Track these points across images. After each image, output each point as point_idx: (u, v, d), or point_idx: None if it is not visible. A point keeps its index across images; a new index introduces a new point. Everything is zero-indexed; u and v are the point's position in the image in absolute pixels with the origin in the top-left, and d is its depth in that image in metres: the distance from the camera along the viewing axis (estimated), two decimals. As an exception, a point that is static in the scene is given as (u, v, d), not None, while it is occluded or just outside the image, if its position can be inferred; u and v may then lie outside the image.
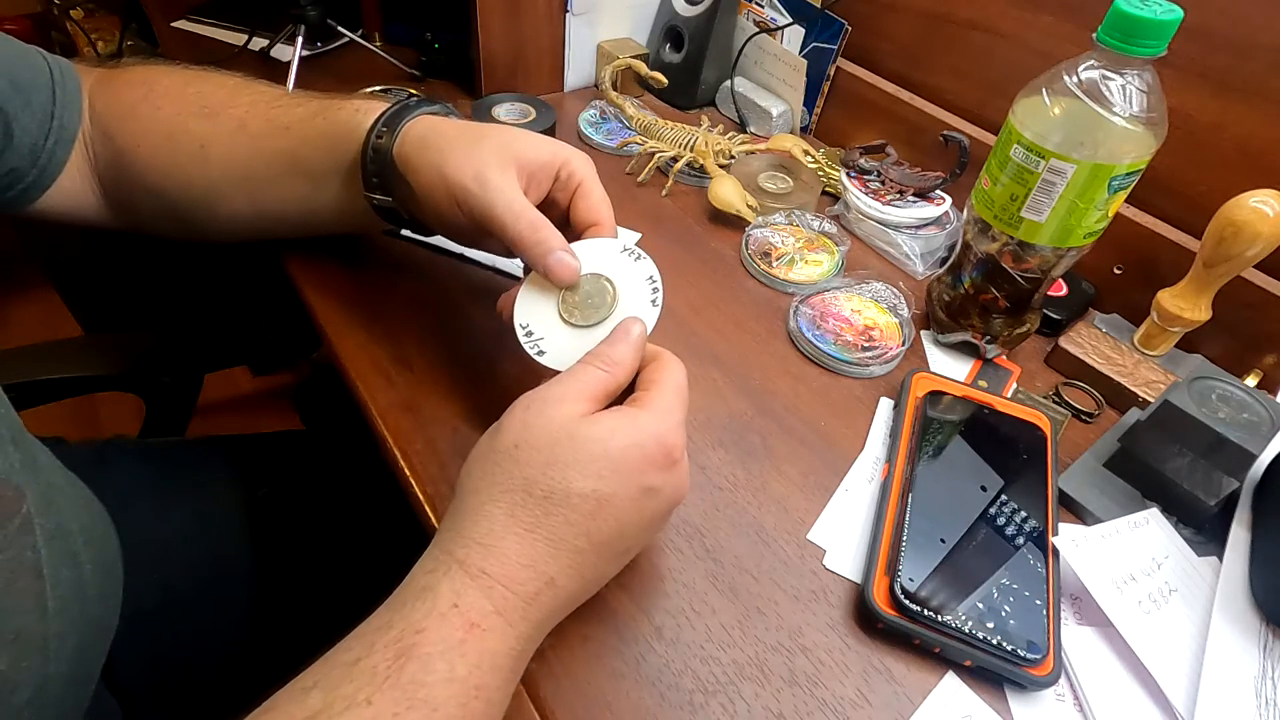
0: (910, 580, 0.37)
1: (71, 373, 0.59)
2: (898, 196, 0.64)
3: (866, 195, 0.64)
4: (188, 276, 1.21)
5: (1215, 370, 0.44)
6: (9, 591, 0.33)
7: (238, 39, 0.85)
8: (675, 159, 0.67)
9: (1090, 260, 0.52)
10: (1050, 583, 0.38)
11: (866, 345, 0.52)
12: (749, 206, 0.63)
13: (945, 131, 0.63)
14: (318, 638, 0.29)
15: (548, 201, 0.42)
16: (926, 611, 0.36)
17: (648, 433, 0.32)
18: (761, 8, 0.76)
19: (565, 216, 0.42)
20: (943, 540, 0.39)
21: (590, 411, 0.32)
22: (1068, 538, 0.40)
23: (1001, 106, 0.46)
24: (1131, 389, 0.50)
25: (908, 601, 0.36)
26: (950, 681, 0.36)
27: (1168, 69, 0.40)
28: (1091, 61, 0.41)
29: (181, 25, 0.91)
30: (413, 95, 0.47)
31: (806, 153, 0.67)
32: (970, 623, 0.36)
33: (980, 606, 0.36)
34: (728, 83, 0.79)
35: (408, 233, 0.49)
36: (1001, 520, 0.41)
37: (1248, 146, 0.52)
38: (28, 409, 0.47)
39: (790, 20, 0.74)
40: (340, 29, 0.81)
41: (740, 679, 0.35)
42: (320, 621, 0.34)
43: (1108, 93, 0.40)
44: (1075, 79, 0.41)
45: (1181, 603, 0.39)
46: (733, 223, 0.64)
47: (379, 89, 0.75)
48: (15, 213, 0.46)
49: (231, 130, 0.46)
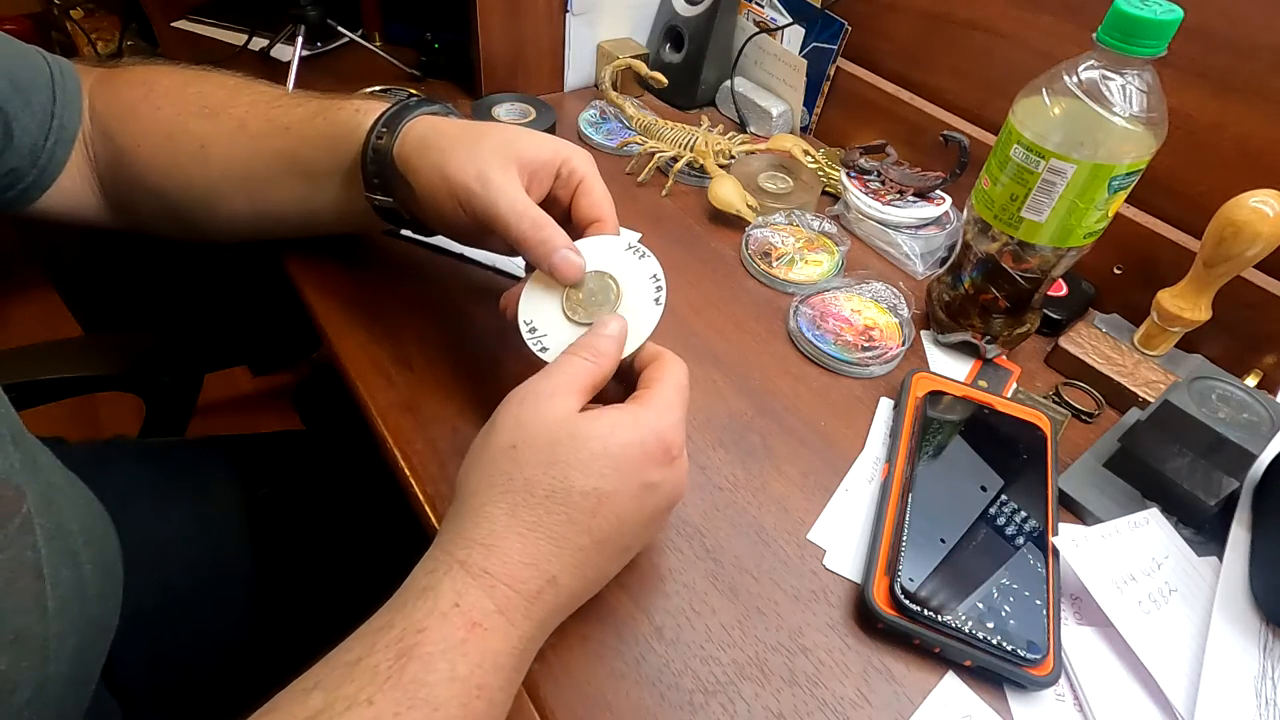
0: (910, 580, 0.37)
1: (71, 373, 0.59)
2: (898, 196, 0.64)
3: (866, 195, 0.64)
4: (188, 276, 1.21)
5: (1215, 370, 0.44)
6: (9, 592, 0.33)
7: (238, 39, 0.85)
8: (675, 159, 0.67)
9: (1090, 260, 0.52)
10: (1050, 583, 0.38)
11: (866, 345, 0.52)
12: (749, 206, 0.63)
13: (945, 131, 0.63)
14: (318, 638, 0.29)
15: (549, 199, 0.42)
16: (926, 611, 0.36)
17: (648, 429, 0.32)
18: (761, 8, 0.76)
19: (567, 214, 0.42)
20: (943, 540, 0.39)
21: (581, 404, 0.32)
22: (1068, 538, 0.40)
23: (1001, 106, 0.46)
24: (1131, 389, 0.50)
25: (908, 601, 0.36)
26: (950, 681, 0.36)
27: (1168, 69, 0.40)
28: (1091, 61, 0.41)
29: (181, 25, 0.91)
30: (413, 95, 0.47)
31: (806, 153, 0.67)
32: (970, 623, 0.36)
33: (980, 606, 0.36)
34: (728, 83, 0.79)
35: (408, 233, 0.49)
36: (1001, 520, 0.41)
37: (1248, 146, 0.52)
38: (28, 409, 0.47)
39: (790, 20, 0.74)
40: (340, 29, 0.81)
41: (740, 679, 0.35)
42: (320, 621, 0.34)
43: (1108, 93, 0.40)
44: (1075, 79, 0.41)
45: (1181, 603, 0.39)
46: (733, 223, 0.64)
47: (379, 89, 0.75)
48: (15, 213, 0.46)
49: (231, 130, 0.46)
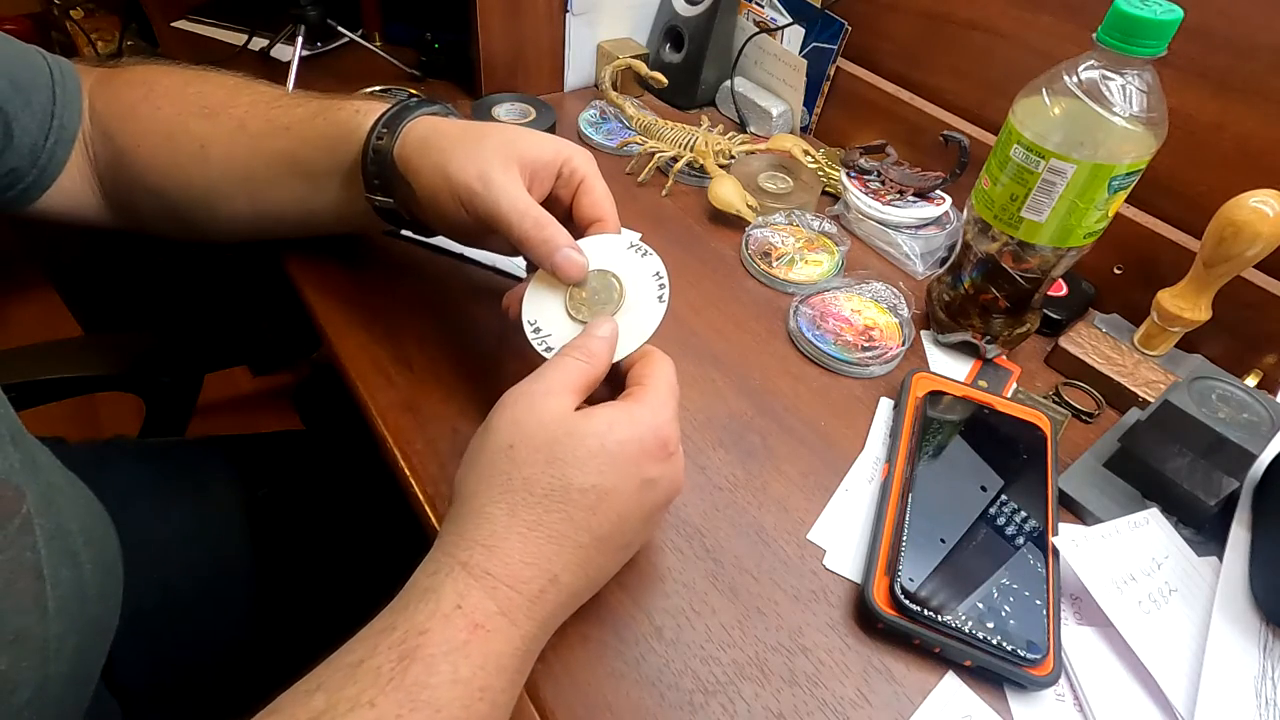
0: (910, 580, 0.37)
1: (71, 373, 0.59)
2: (898, 196, 0.64)
3: (866, 195, 0.64)
4: (188, 276, 1.21)
5: (1215, 370, 0.44)
6: (9, 592, 0.33)
7: (238, 39, 0.85)
8: (675, 159, 0.67)
9: (1090, 260, 0.52)
10: (1050, 583, 0.38)
11: (866, 345, 0.52)
12: (749, 206, 0.63)
13: (945, 131, 0.63)
14: (318, 638, 0.29)
15: (551, 199, 0.42)
16: (926, 611, 0.36)
17: (644, 425, 0.32)
18: (761, 8, 0.76)
19: (568, 214, 0.42)
20: (943, 540, 0.39)
21: (575, 404, 0.33)
22: (1068, 538, 0.40)
23: (1001, 106, 0.46)
24: (1131, 389, 0.50)
25: (908, 601, 0.36)
26: (950, 681, 0.36)
27: (1168, 69, 0.40)
28: (1091, 61, 0.41)
29: (181, 25, 0.91)
30: (413, 95, 0.47)
31: (806, 153, 0.67)
32: (970, 623, 0.36)
33: (980, 606, 0.36)
34: (728, 83, 0.79)
35: (408, 233, 0.49)
36: (1001, 520, 0.41)
37: (1248, 146, 0.52)
38: (28, 409, 0.47)
39: (790, 20, 0.74)
40: (340, 29, 0.81)
41: (740, 679, 0.35)
42: (320, 621, 0.34)
43: (1108, 93, 0.40)
44: (1075, 79, 0.41)
45: (1181, 603, 0.39)
46: (733, 223, 0.64)
47: (379, 89, 0.75)
48: (15, 213, 0.46)
49: (231, 130, 0.46)
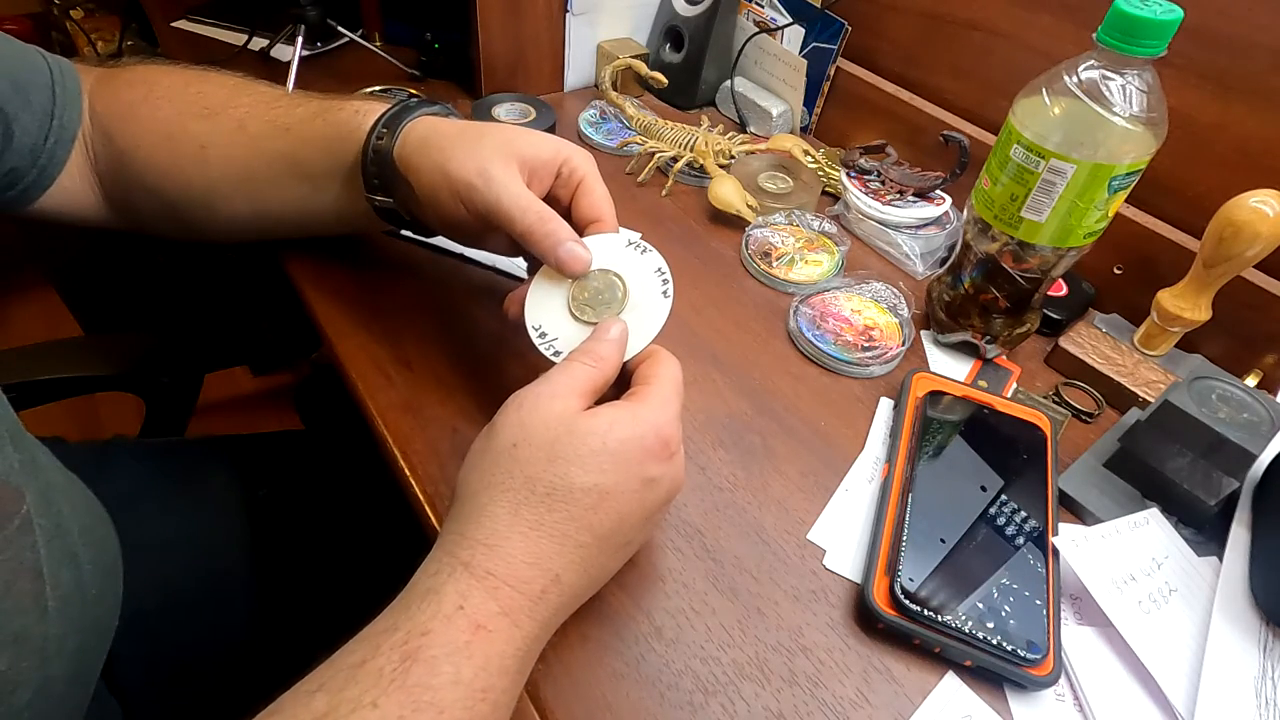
0: (910, 580, 0.37)
1: (71, 373, 0.59)
2: (898, 196, 0.64)
3: (866, 195, 0.64)
4: (188, 276, 1.21)
5: (1215, 370, 0.44)
6: (9, 592, 0.33)
7: (238, 39, 0.85)
8: (675, 159, 0.67)
9: (1090, 260, 0.52)
10: (1050, 583, 0.38)
11: (866, 345, 0.52)
12: (749, 206, 0.63)
13: (945, 131, 0.63)
14: (318, 638, 0.29)
15: (549, 199, 0.42)
16: (926, 611, 0.36)
17: (646, 425, 0.32)
18: (761, 8, 0.76)
19: (567, 213, 0.42)
20: (943, 540, 0.39)
21: (583, 408, 0.32)
22: (1068, 538, 0.40)
23: (1001, 106, 0.46)
24: (1131, 389, 0.50)
25: (908, 601, 0.36)
26: (950, 681, 0.36)
27: (1168, 69, 0.40)
28: (1091, 61, 0.41)
29: (181, 25, 0.91)
30: (413, 96, 0.47)
31: (806, 153, 0.67)
32: (970, 623, 0.36)
33: (980, 606, 0.36)
34: (728, 83, 0.79)
35: (408, 233, 0.49)
36: (1001, 520, 0.41)
37: (1248, 146, 0.52)
38: (28, 409, 0.47)
39: (790, 20, 0.74)
40: (340, 29, 0.81)
41: (740, 679, 0.35)
42: (320, 622, 0.34)
43: (1108, 93, 0.40)
44: (1075, 79, 0.41)
45: (1181, 603, 0.39)
46: (733, 223, 0.64)
47: (379, 89, 0.75)
48: (15, 213, 0.46)
49: (231, 131, 0.46)
